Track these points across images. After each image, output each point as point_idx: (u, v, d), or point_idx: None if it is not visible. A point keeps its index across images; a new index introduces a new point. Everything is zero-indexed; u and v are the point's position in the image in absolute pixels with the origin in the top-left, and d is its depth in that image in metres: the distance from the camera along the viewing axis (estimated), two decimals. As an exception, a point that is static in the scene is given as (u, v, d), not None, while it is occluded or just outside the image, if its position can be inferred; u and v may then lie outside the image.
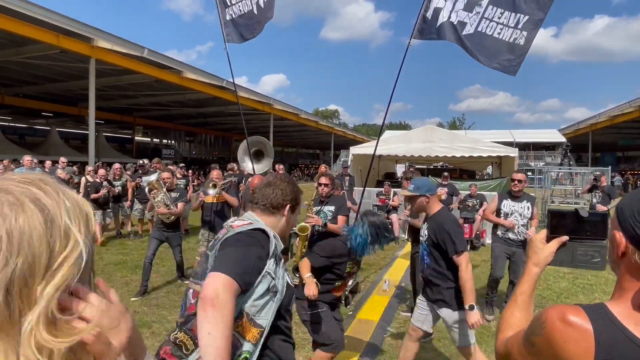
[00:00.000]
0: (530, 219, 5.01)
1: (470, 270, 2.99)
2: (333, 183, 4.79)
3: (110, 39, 14.53)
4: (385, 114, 6.38)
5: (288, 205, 1.80)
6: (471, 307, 2.91)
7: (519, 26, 4.87)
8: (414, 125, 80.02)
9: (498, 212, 5.11)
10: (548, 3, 4.82)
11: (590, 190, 8.77)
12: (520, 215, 5.00)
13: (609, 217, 1.09)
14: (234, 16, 5.81)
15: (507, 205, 5.07)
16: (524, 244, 4.87)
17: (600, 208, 8.10)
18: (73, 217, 0.60)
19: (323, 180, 4.69)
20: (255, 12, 5.66)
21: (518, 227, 4.97)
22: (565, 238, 1.14)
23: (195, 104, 25.83)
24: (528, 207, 5.01)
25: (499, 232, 5.10)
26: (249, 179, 5.06)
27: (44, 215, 0.57)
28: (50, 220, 0.57)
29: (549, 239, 1.17)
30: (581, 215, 1.12)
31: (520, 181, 5.08)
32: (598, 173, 9.36)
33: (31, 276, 0.55)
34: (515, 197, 5.08)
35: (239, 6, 5.73)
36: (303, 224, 4.60)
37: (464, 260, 2.96)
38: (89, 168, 9.46)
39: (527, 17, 4.86)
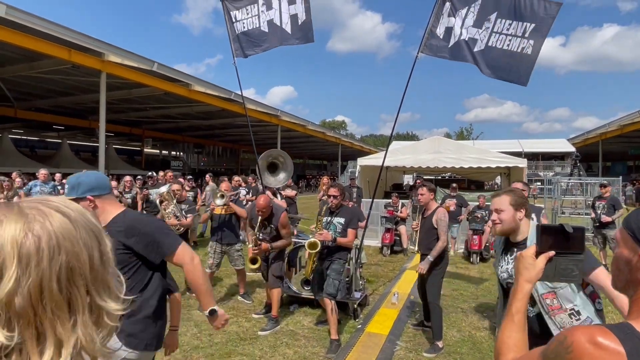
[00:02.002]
0: None
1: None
2: (343, 194, 4.69)
3: (120, 54, 14.75)
4: (393, 125, 6.40)
5: None
6: (212, 312, 2.22)
7: (526, 35, 4.89)
8: (421, 135, 79.98)
9: None
10: (555, 8, 4.82)
11: (593, 204, 8.63)
12: None
13: (586, 230, 1.10)
14: (237, 32, 5.99)
15: None
16: None
17: (605, 219, 7.98)
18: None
19: (332, 191, 4.58)
20: (266, 30, 5.78)
21: None
22: (552, 253, 1.17)
23: (203, 116, 26.04)
24: (533, 219, 4.88)
25: None
26: (256, 199, 5.03)
27: (70, 220, 0.64)
28: (76, 225, 0.64)
29: (537, 255, 1.17)
30: (567, 230, 1.16)
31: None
32: (605, 182, 9.23)
33: (78, 273, 0.62)
34: None
35: (243, 23, 5.94)
36: (313, 239, 4.52)
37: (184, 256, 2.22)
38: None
39: (533, 25, 4.87)
